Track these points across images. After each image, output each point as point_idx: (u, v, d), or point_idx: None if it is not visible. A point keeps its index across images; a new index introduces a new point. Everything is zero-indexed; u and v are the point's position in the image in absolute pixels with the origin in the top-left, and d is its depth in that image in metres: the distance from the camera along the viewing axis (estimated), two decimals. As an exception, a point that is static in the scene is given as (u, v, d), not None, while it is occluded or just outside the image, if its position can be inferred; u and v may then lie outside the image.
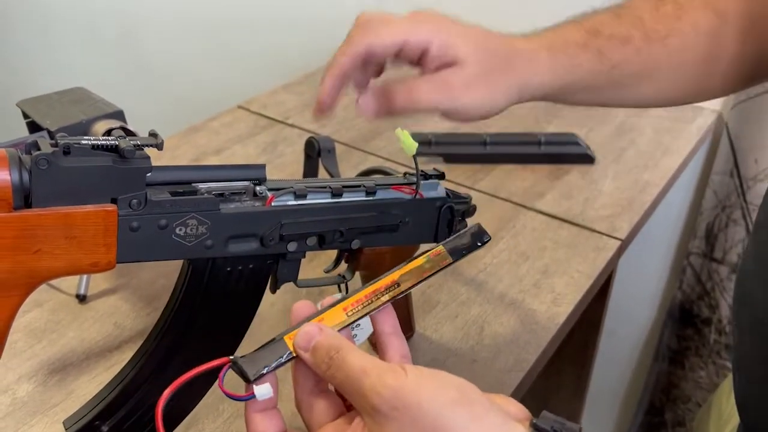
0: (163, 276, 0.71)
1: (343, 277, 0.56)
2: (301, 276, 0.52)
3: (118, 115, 0.62)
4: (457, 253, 0.43)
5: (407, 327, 0.65)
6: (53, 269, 0.40)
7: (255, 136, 0.99)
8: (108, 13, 1.69)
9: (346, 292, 0.42)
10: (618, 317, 1.15)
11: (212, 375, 0.38)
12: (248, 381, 0.37)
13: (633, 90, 0.57)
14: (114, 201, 0.40)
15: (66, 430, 0.48)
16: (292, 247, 0.48)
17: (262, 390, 0.37)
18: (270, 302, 0.66)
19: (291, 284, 0.51)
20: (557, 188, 0.89)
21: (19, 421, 0.56)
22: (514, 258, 0.76)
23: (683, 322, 1.33)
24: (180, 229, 0.43)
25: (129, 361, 0.49)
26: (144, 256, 0.42)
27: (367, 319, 0.41)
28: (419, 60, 0.49)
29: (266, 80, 1.23)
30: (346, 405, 0.39)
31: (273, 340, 0.38)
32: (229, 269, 0.47)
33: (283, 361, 0.37)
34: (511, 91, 0.52)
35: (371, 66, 0.52)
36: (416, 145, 0.50)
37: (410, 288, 0.42)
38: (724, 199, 1.20)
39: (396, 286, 0.41)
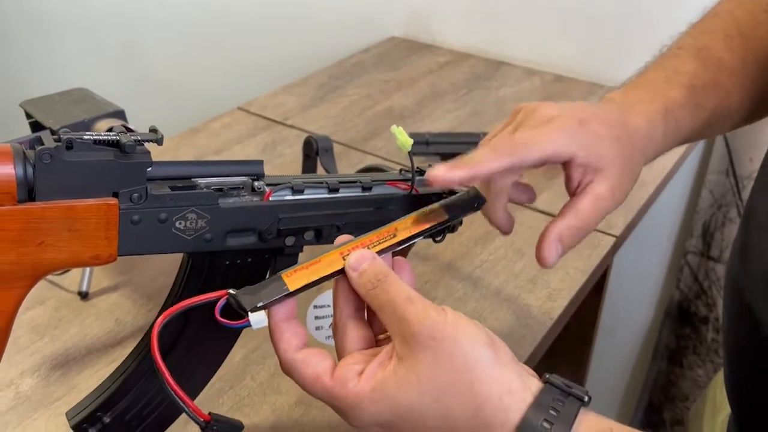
0: (163, 273, 0.72)
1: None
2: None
3: (120, 114, 0.63)
4: (453, 212, 0.44)
5: None
6: (56, 261, 0.41)
7: (254, 137, 1.00)
8: (109, 16, 1.71)
9: None
10: (616, 316, 1.16)
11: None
12: (244, 311, 0.38)
13: (724, 124, 0.59)
14: (115, 195, 0.41)
15: (69, 420, 0.49)
16: (289, 241, 0.49)
17: (257, 317, 0.38)
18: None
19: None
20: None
21: (23, 415, 0.57)
22: (510, 255, 0.77)
23: (681, 320, 1.34)
24: (180, 223, 0.44)
25: (130, 353, 0.50)
26: (144, 249, 0.43)
27: None
28: (564, 163, 0.49)
29: (265, 82, 1.24)
30: (377, 339, 0.41)
31: (272, 276, 0.40)
32: (227, 263, 0.48)
33: (279, 296, 0.39)
34: (638, 171, 0.52)
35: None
36: (411, 141, 0.51)
37: (407, 239, 0.43)
38: (720, 198, 1.21)
39: (393, 235, 0.43)
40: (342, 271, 0.41)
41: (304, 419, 0.57)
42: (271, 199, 0.48)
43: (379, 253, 0.42)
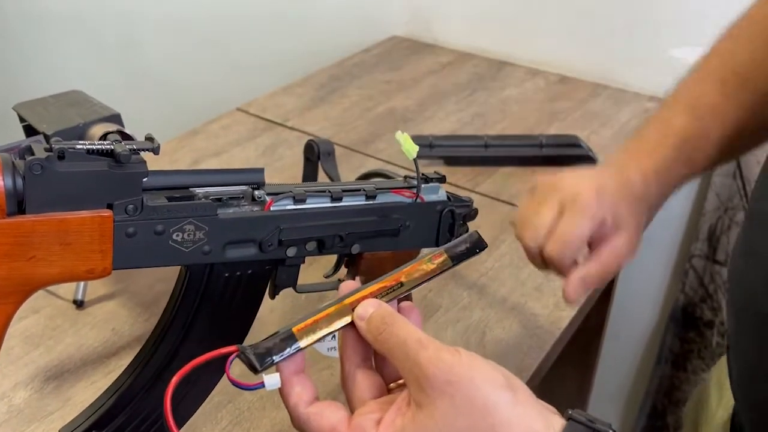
0: (161, 281, 0.70)
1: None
2: (301, 281, 0.51)
3: (116, 118, 0.61)
4: (457, 259, 0.44)
5: None
6: (48, 276, 0.39)
7: (254, 139, 0.98)
8: (107, 16, 1.69)
9: None
10: (620, 320, 1.15)
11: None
12: (255, 371, 0.37)
13: (712, 163, 0.62)
14: (110, 206, 0.39)
15: (61, 440, 0.47)
16: (291, 252, 0.48)
17: (272, 380, 0.37)
18: (269, 308, 0.65)
19: (290, 290, 0.50)
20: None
21: (16, 429, 0.55)
22: (516, 262, 0.75)
23: (685, 324, 1.32)
24: (177, 235, 0.42)
25: (126, 368, 0.48)
26: (140, 262, 0.42)
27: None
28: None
29: (265, 81, 1.23)
30: (388, 388, 0.40)
31: (281, 330, 0.38)
32: (227, 275, 0.46)
33: (290, 352, 0.37)
34: (644, 224, 0.60)
35: None
36: (416, 148, 0.49)
37: (412, 288, 0.42)
38: (726, 201, 1.19)
39: (400, 285, 0.42)
40: (350, 323, 0.40)
41: (305, 433, 0.56)
42: (272, 208, 0.46)
43: (387, 302, 0.41)
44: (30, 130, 0.62)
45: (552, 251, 0.54)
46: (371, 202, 0.51)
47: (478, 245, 0.45)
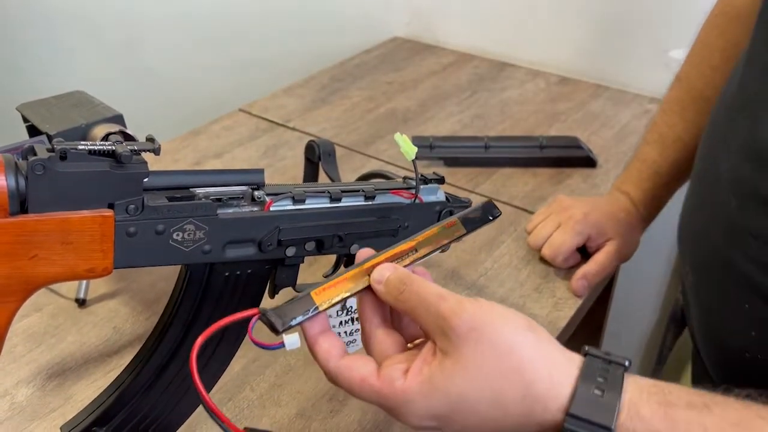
0: (163, 279, 0.71)
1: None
2: (300, 281, 0.51)
3: (118, 119, 0.62)
4: (470, 225, 0.45)
5: None
6: (50, 275, 0.40)
7: (256, 140, 0.99)
8: (110, 17, 1.69)
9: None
10: (620, 321, 1.15)
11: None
12: (276, 332, 0.38)
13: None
14: (111, 206, 0.40)
15: (64, 436, 0.47)
16: (290, 252, 0.48)
17: (291, 339, 0.38)
18: (269, 307, 0.65)
19: (290, 289, 0.51)
20: (559, 192, 0.88)
21: (18, 426, 0.56)
22: (515, 262, 0.76)
23: (685, 325, 1.32)
24: (177, 235, 0.43)
25: (126, 366, 0.49)
26: (141, 261, 0.42)
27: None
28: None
29: (266, 82, 1.23)
30: (407, 347, 0.41)
31: (300, 294, 0.40)
32: (227, 274, 0.47)
33: (309, 314, 0.39)
34: (639, 230, 0.78)
35: None
36: (415, 149, 0.49)
37: (428, 254, 0.43)
38: (726, 202, 1.19)
39: (414, 251, 0.43)
40: (368, 287, 0.41)
41: (304, 432, 0.56)
42: (271, 209, 0.47)
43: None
44: (33, 131, 0.63)
45: (545, 254, 0.74)
46: (370, 202, 0.51)
47: (491, 212, 0.46)
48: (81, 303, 0.68)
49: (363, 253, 0.43)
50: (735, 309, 0.52)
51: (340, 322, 0.59)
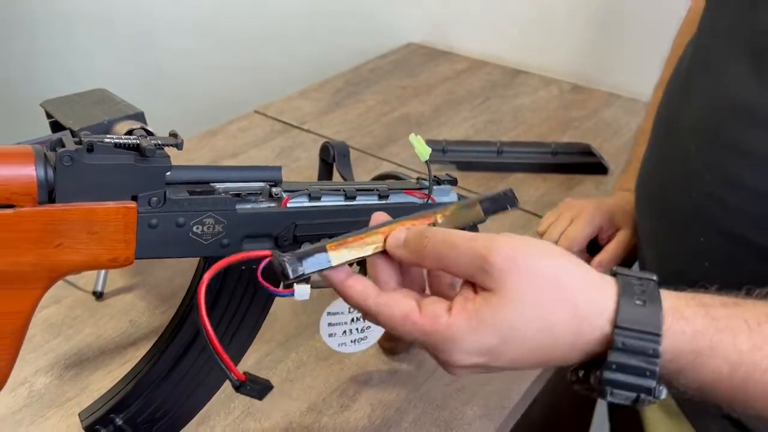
0: (178, 274, 0.72)
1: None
2: (314, 277, 0.52)
3: (139, 116, 0.63)
4: (488, 209, 0.44)
5: None
6: (74, 263, 0.41)
7: (271, 141, 1.00)
8: (127, 18, 1.72)
9: None
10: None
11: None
12: (287, 278, 0.37)
13: None
14: (134, 198, 0.41)
15: (81, 421, 0.49)
16: (305, 247, 0.49)
17: (302, 290, 0.38)
18: (282, 301, 0.66)
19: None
20: (570, 198, 0.89)
21: (36, 413, 0.57)
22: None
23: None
24: (197, 228, 0.44)
25: (144, 356, 0.50)
26: (161, 252, 0.44)
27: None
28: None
29: (282, 85, 1.25)
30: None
31: (315, 245, 0.39)
32: (243, 268, 0.48)
33: (323, 267, 0.38)
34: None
35: None
36: (429, 150, 0.50)
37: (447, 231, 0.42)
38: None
39: (434, 223, 0.42)
40: (382, 252, 0.40)
41: (315, 426, 0.57)
42: (288, 205, 0.48)
43: None
44: (56, 126, 0.64)
45: (564, 244, 0.75)
46: (384, 201, 0.52)
47: (509, 201, 0.45)
48: (98, 296, 0.69)
49: (378, 216, 0.42)
50: (691, 244, 0.55)
51: (352, 319, 0.60)
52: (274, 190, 0.48)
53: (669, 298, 0.37)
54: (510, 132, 1.05)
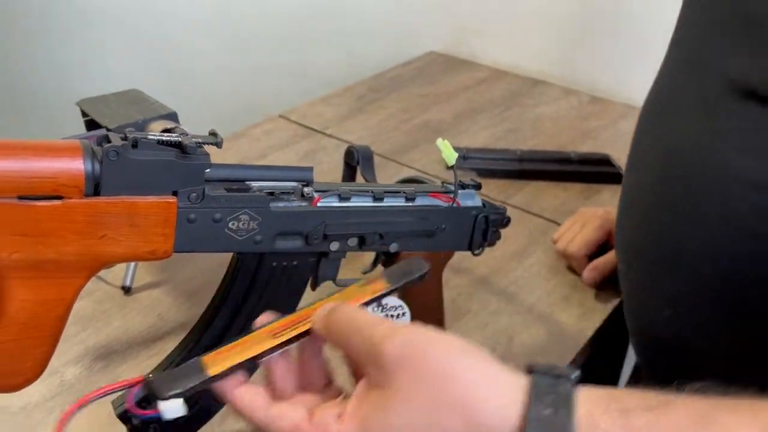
0: (203, 272, 0.74)
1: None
2: (341, 276, 0.54)
3: (172, 116, 0.65)
4: (395, 281, 0.43)
5: (439, 322, 0.64)
6: (115, 254, 0.42)
7: (294, 145, 1.02)
8: (150, 20, 1.75)
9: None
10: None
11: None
12: (159, 400, 0.36)
13: None
14: (174, 193, 0.43)
15: (114, 409, 0.50)
16: (334, 246, 0.51)
17: (169, 405, 0.36)
18: (308, 300, 0.68)
19: (329, 282, 0.53)
20: (588, 206, 0.90)
21: (66, 402, 0.59)
22: (544, 273, 0.78)
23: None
24: (233, 224, 0.46)
25: (176, 347, 0.51)
26: (198, 246, 0.45)
27: (407, 310, 0.44)
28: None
29: (305, 91, 1.27)
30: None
31: (190, 361, 0.38)
32: (274, 264, 0.50)
33: (200, 382, 0.37)
34: None
35: None
36: (456, 155, 0.52)
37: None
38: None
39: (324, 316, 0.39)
40: (271, 351, 0.39)
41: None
42: (318, 204, 0.49)
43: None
44: (91, 125, 0.66)
45: (573, 248, 0.78)
46: (410, 204, 0.54)
47: (419, 271, 0.43)
48: (126, 290, 0.71)
49: (263, 318, 0.41)
50: (655, 288, 0.56)
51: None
52: (305, 189, 0.49)
53: (586, 403, 0.33)
54: (529, 141, 1.06)
